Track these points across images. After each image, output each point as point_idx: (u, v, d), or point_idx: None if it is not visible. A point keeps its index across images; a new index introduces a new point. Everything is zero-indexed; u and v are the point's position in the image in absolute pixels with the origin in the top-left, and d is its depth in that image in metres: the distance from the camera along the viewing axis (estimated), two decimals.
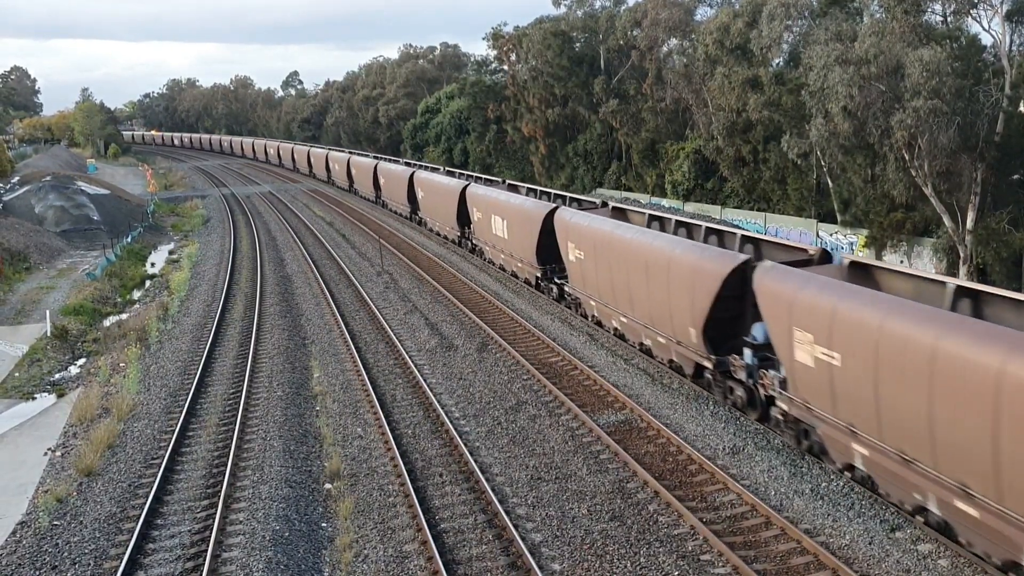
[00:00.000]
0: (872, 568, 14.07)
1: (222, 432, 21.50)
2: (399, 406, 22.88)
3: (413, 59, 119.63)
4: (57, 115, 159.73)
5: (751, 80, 47.39)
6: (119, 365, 27.90)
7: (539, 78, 72.68)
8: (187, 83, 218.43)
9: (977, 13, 36.60)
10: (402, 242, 49.93)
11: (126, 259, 48.82)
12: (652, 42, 61.81)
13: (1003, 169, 35.41)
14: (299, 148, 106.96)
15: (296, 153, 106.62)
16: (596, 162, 72.05)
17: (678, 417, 20.96)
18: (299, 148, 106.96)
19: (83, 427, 22.46)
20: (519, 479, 18.05)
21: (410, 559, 15.17)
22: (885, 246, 40.00)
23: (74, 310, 35.66)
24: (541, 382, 23.92)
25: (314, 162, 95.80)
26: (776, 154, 47.65)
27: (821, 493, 16.67)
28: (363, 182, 71.66)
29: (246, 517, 16.76)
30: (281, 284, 40.01)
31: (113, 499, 18.03)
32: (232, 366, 27.24)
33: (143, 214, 66.95)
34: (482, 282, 37.77)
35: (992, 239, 34.10)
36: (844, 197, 44.11)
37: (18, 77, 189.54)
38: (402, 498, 17.44)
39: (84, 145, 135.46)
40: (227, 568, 14.99)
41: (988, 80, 34.55)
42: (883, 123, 34.97)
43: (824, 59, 36.15)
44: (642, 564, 14.60)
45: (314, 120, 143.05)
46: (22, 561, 15.76)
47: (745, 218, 51.30)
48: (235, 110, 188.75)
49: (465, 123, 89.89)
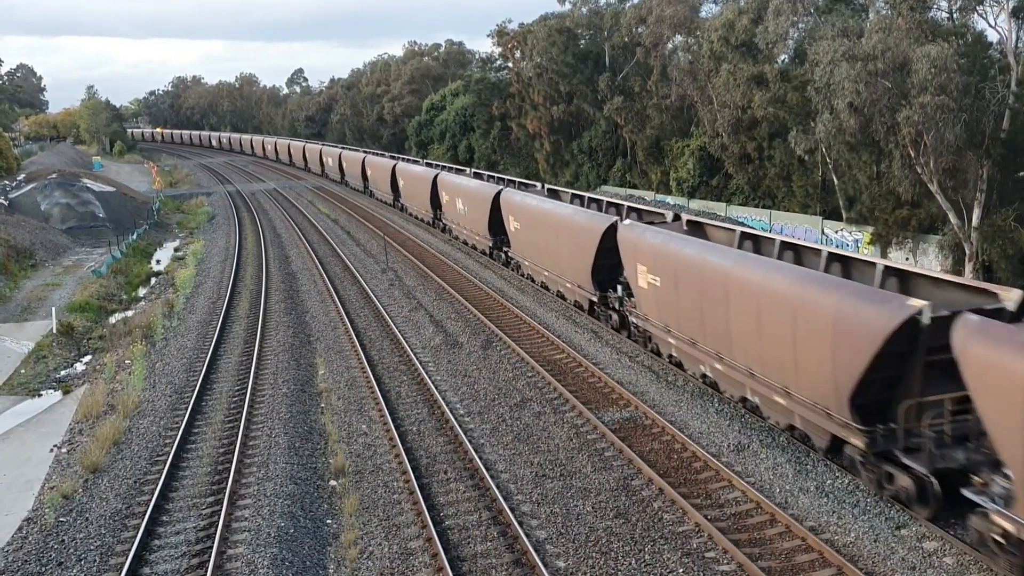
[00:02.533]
0: (877, 565, 14.05)
1: (227, 429, 21.54)
2: (404, 403, 22.90)
3: (418, 56, 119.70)
4: (63, 113, 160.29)
5: (756, 77, 47.28)
6: (125, 362, 27.96)
7: (544, 75, 72.64)
8: (192, 81, 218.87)
9: (983, 9, 36.39)
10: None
11: (131, 256, 48.92)
12: (657, 39, 61.73)
13: (1009, 166, 35.29)
14: (311, 147, 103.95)
15: (308, 152, 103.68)
16: (601, 159, 71.99)
17: (683, 414, 20.94)
18: (311, 147, 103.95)
19: (89, 424, 22.52)
20: (524, 476, 18.05)
21: (415, 556, 15.19)
22: (890, 243, 39.89)
23: (80, 307, 35.75)
24: (545, 379, 23.93)
25: (326, 161, 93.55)
26: (781, 151, 47.56)
27: (826, 490, 16.65)
28: (380, 184, 69.19)
29: (251, 514, 16.79)
30: (286, 281, 40.07)
31: (119, 496, 18.07)
32: (237, 363, 27.29)
33: (148, 211, 67.10)
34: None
35: (998, 236, 33.98)
36: (849, 194, 44.01)
37: (24, 75, 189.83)
38: (407, 495, 17.46)
39: (90, 143, 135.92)
40: (232, 565, 15.02)
41: (994, 77, 34.41)
42: (889, 119, 34.88)
43: (830, 55, 36.05)
44: (647, 561, 14.59)
45: (318, 118, 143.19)
46: (28, 557, 15.81)
47: (750, 215, 51.22)
48: (240, 107, 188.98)
49: (470, 120, 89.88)
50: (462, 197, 44.71)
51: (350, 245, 49.97)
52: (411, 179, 58.21)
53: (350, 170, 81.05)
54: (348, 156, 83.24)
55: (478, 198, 41.75)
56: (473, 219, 42.99)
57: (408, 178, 59.33)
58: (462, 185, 45.29)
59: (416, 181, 56.25)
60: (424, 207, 54.57)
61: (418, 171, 57.19)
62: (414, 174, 57.66)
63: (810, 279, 17.14)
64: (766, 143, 49.39)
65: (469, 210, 43.57)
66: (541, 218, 32.82)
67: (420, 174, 55.56)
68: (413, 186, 57.59)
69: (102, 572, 15.18)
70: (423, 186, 53.27)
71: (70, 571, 15.26)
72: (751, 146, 50.72)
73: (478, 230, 42.39)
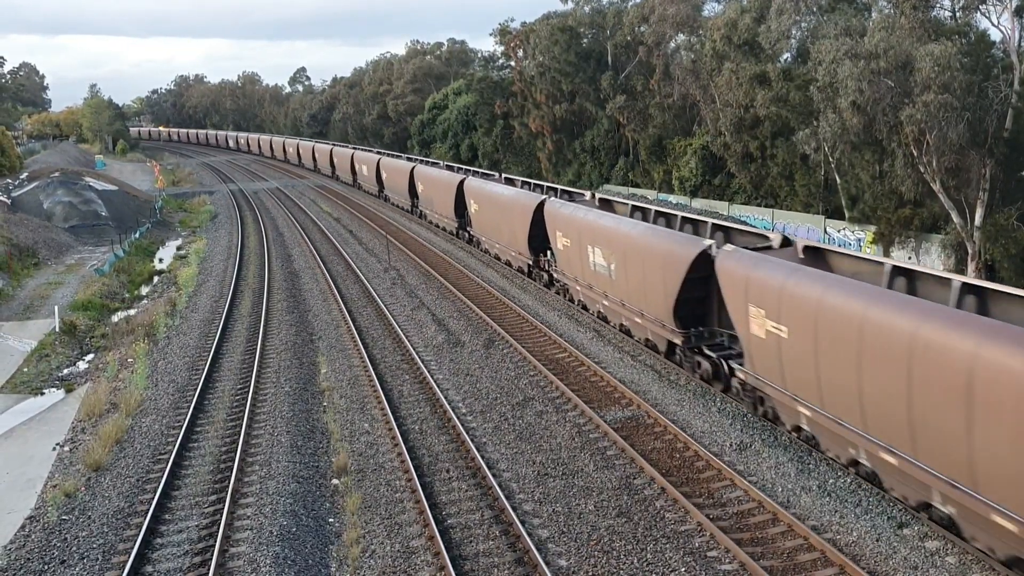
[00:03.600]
0: (879, 565, 14.04)
1: (230, 427, 21.56)
2: (406, 402, 22.91)
3: (420, 55, 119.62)
4: (65, 111, 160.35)
5: (759, 76, 47.22)
6: (127, 360, 27.99)
7: (546, 74, 72.58)
8: (195, 79, 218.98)
9: (986, 8, 36.40)
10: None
11: (134, 255, 48.95)
12: (659, 38, 61.72)
13: (1012, 165, 35.27)
14: (320, 147, 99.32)
15: (317, 152, 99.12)
16: (603, 158, 71.97)
17: (685, 413, 20.95)
18: (320, 147, 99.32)
19: (91, 422, 22.54)
20: (526, 475, 18.06)
21: (417, 555, 15.20)
22: (893, 242, 39.88)
23: (82, 306, 35.78)
24: (548, 378, 23.93)
25: (337, 162, 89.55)
26: (784, 150, 47.52)
27: (828, 490, 16.64)
28: (397, 188, 63.68)
29: (254, 512, 16.81)
30: (289, 280, 40.09)
31: (121, 494, 18.10)
32: (240, 361, 27.31)
33: (151, 210, 67.13)
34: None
35: (1001, 235, 33.95)
36: (852, 193, 43.98)
37: (27, 73, 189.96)
38: (409, 494, 17.47)
39: (92, 141, 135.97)
40: (235, 563, 15.03)
41: (997, 76, 34.40)
42: (892, 118, 34.88)
43: (833, 53, 36.05)
44: (649, 560, 14.59)
45: (321, 116, 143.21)
46: (31, 556, 15.83)
47: (753, 214, 51.20)
48: (243, 106, 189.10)
49: (472, 119, 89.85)
50: (494, 206, 40.37)
51: (352, 244, 49.99)
52: (432, 184, 53.06)
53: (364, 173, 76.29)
54: (361, 157, 78.18)
55: (515, 209, 36.54)
56: (508, 232, 38.19)
57: (428, 183, 54.07)
58: (495, 193, 40.13)
59: (438, 186, 51.37)
60: (447, 215, 49.67)
61: (440, 175, 51.81)
62: (435, 178, 52.44)
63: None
64: (769, 142, 49.35)
65: (502, 221, 39.01)
66: (603, 238, 27.11)
67: (443, 179, 50.41)
68: (434, 192, 52.57)
69: (105, 570, 15.20)
70: (446, 192, 48.54)
71: (72, 569, 15.28)
72: (753, 145, 50.68)
73: (515, 245, 37.52)
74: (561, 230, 30.79)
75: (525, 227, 34.92)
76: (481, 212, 42.29)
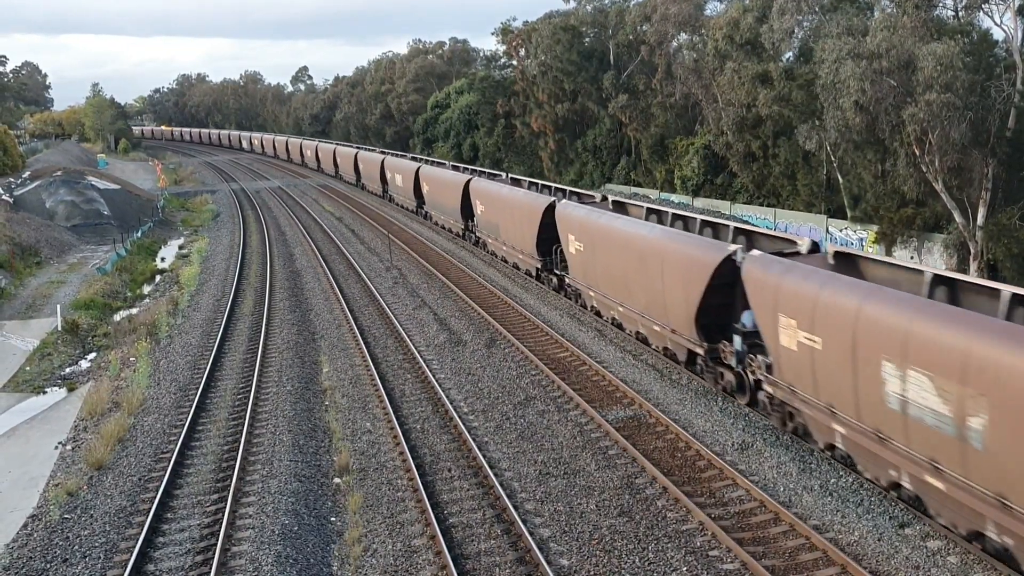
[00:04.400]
0: (881, 564, 14.03)
1: (232, 426, 21.58)
2: (408, 401, 22.92)
3: (422, 54, 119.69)
4: (68, 110, 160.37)
5: (761, 75, 47.22)
6: (129, 359, 28.01)
7: (548, 73, 72.61)
8: (197, 79, 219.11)
9: (989, 8, 36.39)
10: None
11: (136, 254, 48.98)
12: (662, 37, 61.71)
13: (1014, 165, 35.25)
14: (323, 146, 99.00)
15: (320, 152, 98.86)
16: (605, 157, 71.99)
17: (687, 413, 20.94)
18: (323, 146, 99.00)
19: (93, 421, 22.56)
20: (527, 474, 18.06)
21: (419, 553, 15.20)
22: (895, 242, 39.85)
23: (84, 305, 35.81)
24: (549, 377, 23.93)
25: (339, 162, 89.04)
26: (786, 149, 47.53)
27: (830, 489, 16.63)
28: (401, 188, 63.32)
29: (255, 511, 16.82)
30: (291, 279, 40.11)
31: (123, 493, 18.11)
32: (242, 360, 27.33)
33: (153, 209, 67.18)
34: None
35: (1003, 235, 33.94)
36: (854, 192, 43.97)
37: (29, 72, 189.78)
38: (411, 493, 17.48)
39: (95, 140, 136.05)
40: (237, 562, 15.04)
41: (1000, 75, 34.37)
42: (894, 118, 34.86)
43: (835, 53, 36.03)
44: (650, 560, 14.59)
45: (323, 115, 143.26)
46: (33, 554, 15.84)
47: (755, 214, 51.17)
48: (245, 105, 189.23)
49: (474, 118, 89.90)
50: (502, 208, 39.51)
51: (355, 243, 50.01)
52: (437, 185, 52.26)
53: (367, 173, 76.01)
54: (364, 156, 77.97)
55: (523, 210, 36.07)
56: (516, 234, 37.68)
57: (434, 183, 53.24)
58: (503, 194, 39.71)
59: (444, 187, 50.54)
60: (454, 217, 48.93)
61: (446, 176, 51.28)
62: (441, 179, 51.73)
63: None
64: (771, 141, 49.36)
65: (510, 223, 38.39)
66: (619, 242, 26.22)
67: (449, 179, 49.93)
68: (440, 192, 51.71)
69: (107, 569, 15.22)
70: (453, 193, 47.81)
71: (75, 568, 15.30)
72: (756, 144, 50.69)
73: (523, 248, 36.99)
74: (573, 233, 29.85)
75: (534, 229, 34.44)
76: (487, 214, 42.07)
